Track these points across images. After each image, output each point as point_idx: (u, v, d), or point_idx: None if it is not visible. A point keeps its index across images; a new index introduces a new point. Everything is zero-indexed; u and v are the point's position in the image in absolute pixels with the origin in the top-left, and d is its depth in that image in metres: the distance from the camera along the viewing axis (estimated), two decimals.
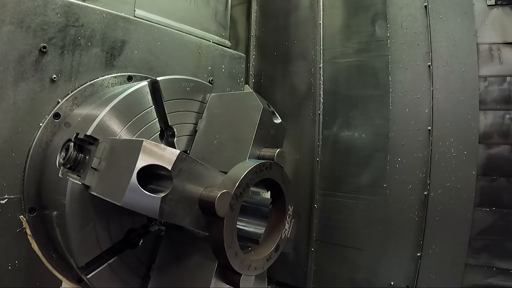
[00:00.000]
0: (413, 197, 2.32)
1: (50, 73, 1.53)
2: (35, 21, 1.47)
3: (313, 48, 2.78)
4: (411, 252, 2.32)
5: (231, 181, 1.26)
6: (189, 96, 1.71)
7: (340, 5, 2.72)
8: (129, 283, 1.46)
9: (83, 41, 1.64)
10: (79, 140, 1.34)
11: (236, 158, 1.49)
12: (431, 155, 2.27)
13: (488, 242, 2.15)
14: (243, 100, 1.74)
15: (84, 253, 1.29)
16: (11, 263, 1.42)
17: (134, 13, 1.94)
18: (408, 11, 2.41)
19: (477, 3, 2.22)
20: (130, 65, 1.84)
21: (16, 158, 1.44)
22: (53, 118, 1.53)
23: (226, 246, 1.21)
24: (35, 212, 1.48)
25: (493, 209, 2.14)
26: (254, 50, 3.13)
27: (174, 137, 1.65)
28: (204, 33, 2.35)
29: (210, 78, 2.28)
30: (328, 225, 2.66)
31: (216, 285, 1.37)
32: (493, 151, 2.17)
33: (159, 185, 1.12)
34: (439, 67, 2.29)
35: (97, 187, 1.17)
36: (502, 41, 2.16)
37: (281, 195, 1.56)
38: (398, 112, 2.40)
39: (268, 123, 1.64)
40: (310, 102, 2.78)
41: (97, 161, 1.20)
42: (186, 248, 1.48)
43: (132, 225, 1.46)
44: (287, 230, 1.58)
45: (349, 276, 2.55)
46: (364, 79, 2.56)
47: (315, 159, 2.71)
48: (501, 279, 2.11)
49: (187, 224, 1.18)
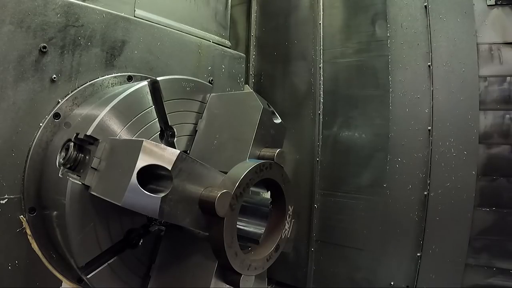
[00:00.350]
0: (413, 197, 2.32)
1: (50, 73, 1.53)
2: (35, 21, 1.47)
3: (313, 48, 2.78)
4: (411, 252, 2.32)
5: (231, 181, 1.26)
6: (189, 96, 1.71)
7: (340, 5, 2.72)
8: (129, 283, 1.46)
9: (83, 41, 1.64)
10: (79, 140, 1.34)
11: (236, 158, 1.49)
12: (431, 155, 2.27)
13: (488, 242, 2.15)
14: (243, 100, 1.74)
15: (84, 253, 1.29)
16: (11, 263, 1.42)
17: (134, 13, 1.94)
18: (408, 11, 2.41)
19: (477, 3, 2.22)
20: (130, 65, 1.84)
21: (16, 158, 1.44)
22: (53, 118, 1.53)
23: (226, 246, 1.21)
24: (35, 212, 1.48)
25: (493, 209, 2.14)
26: (254, 50, 3.13)
27: (174, 137, 1.65)
28: (204, 33, 2.35)
29: (210, 78, 2.28)
30: (328, 225, 2.66)
31: (216, 285, 1.37)
32: (493, 151, 2.17)
33: (159, 185, 1.12)
34: (439, 67, 2.29)
35: (97, 187, 1.17)
36: (502, 41, 2.16)
37: (281, 195, 1.56)
38: (398, 112, 2.40)
39: (268, 123, 1.64)
40: (310, 102, 2.78)
41: (97, 161, 1.20)
42: (186, 248, 1.48)
43: (132, 225, 1.46)
44: (287, 230, 1.58)
45: (349, 276, 2.55)
46: (364, 79, 2.56)
47: (315, 159, 2.71)
48: (501, 279, 2.11)
49: (187, 224, 1.18)
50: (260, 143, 1.58)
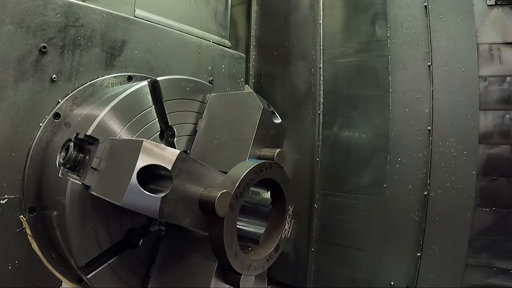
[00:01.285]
0: (413, 197, 2.32)
1: (50, 73, 1.53)
2: (35, 21, 1.47)
3: (313, 48, 2.78)
4: (411, 252, 2.32)
5: (231, 181, 1.26)
6: (189, 96, 1.71)
7: (340, 5, 2.72)
8: (129, 283, 1.45)
9: (83, 41, 1.64)
10: (79, 140, 1.34)
11: (236, 158, 1.49)
12: (431, 155, 2.27)
13: (488, 242, 2.15)
14: (243, 100, 1.74)
15: (84, 253, 1.29)
16: (11, 263, 1.42)
17: (134, 13, 1.94)
18: (408, 11, 2.41)
19: (477, 3, 2.22)
20: (130, 65, 1.84)
21: (16, 158, 1.44)
22: (53, 118, 1.53)
23: (226, 246, 1.21)
24: (35, 212, 1.48)
25: (493, 209, 2.14)
26: (254, 50, 3.13)
27: (174, 137, 1.65)
28: (204, 33, 2.35)
29: (210, 78, 2.28)
30: (328, 225, 2.66)
31: (216, 285, 1.37)
32: (493, 151, 2.17)
33: (159, 185, 1.12)
34: (439, 67, 2.29)
35: (97, 187, 1.17)
36: (502, 41, 2.16)
37: (281, 195, 1.56)
38: (398, 112, 2.40)
39: (268, 123, 1.64)
40: (310, 102, 2.78)
41: (97, 161, 1.20)
42: (186, 248, 1.48)
43: (132, 225, 1.46)
44: (287, 230, 1.58)
45: (349, 276, 2.55)
46: (364, 79, 2.56)
47: (315, 159, 2.71)
48: (501, 279, 2.11)
49: (187, 224, 1.18)
50: (260, 143, 1.58)
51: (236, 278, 1.32)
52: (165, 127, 1.61)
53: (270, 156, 1.51)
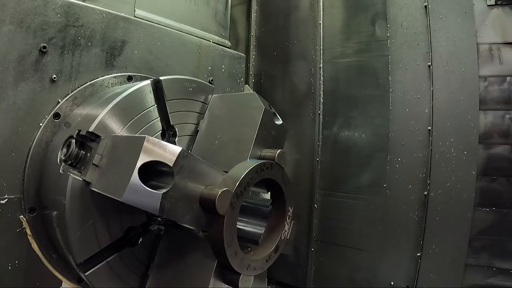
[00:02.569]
0: (413, 197, 2.32)
1: (50, 73, 1.53)
2: (35, 21, 1.47)
3: (313, 48, 2.78)
4: (411, 252, 2.32)
5: (232, 179, 1.26)
6: (191, 97, 1.71)
7: (340, 5, 2.72)
8: (128, 281, 1.45)
9: (83, 41, 1.64)
10: (81, 137, 1.34)
11: (237, 158, 1.49)
12: (431, 155, 2.28)
13: (488, 242, 2.15)
14: (245, 101, 1.74)
15: (82, 249, 1.28)
16: (11, 263, 1.42)
17: (134, 13, 1.94)
18: (408, 11, 2.41)
19: (477, 3, 2.22)
20: (130, 65, 1.84)
21: (16, 158, 1.44)
22: (53, 118, 1.52)
23: (226, 245, 1.21)
24: (35, 212, 1.47)
25: (493, 209, 2.14)
26: (254, 50, 3.13)
27: (176, 137, 1.64)
28: (204, 33, 2.34)
29: (210, 78, 2.27)
30: (328, 225, 2.66)
31: (215, 284, 1.37)
32: (493, 151, 2.17)
33: (160, 181, 1.12)
34: (439, 67, 2.30)
35: (98, 183, 1.17)
36: (502, 41, 2.16)
37: (281, 195, 1.55)
38: (398, 112, 2.40)
39: (269, 124, 1.64)
40: (310, 102, 2.78)
41: (98, 157, 1.20)
42: (185, 248, 1.48)
43: (131, 223, 1.46)
44: (286, 231, 1.57)
45: (349, 276, 2.55)
46: (364, 79, 2.56)
47: (315, 159, 2.71)
48: (501, 279, 2.11)
49: (187, 222, 1.18)
50: (261, 144, 1.58)
51: (235, 278, 1.31)
52: (166, 126, 1.61)
53: (271, 157, 1.51)
